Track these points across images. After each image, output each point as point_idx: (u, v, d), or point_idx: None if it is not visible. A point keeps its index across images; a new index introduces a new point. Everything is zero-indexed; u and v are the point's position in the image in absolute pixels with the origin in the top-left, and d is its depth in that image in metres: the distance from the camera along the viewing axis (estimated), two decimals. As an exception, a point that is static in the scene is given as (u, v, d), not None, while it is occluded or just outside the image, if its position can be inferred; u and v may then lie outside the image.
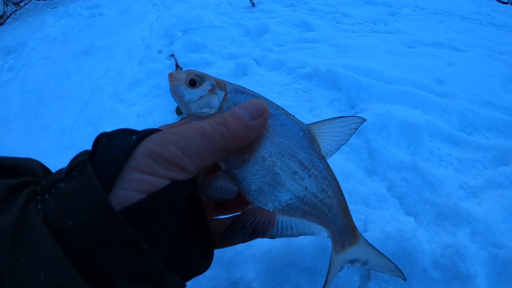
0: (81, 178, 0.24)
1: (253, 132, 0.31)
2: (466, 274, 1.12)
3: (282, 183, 0.31)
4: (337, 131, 0.35)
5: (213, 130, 0.28)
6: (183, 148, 0.26)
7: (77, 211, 0.23)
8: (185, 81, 0.34)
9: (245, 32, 3.27)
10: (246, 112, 0.31)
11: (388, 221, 1.28)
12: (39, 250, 0.21)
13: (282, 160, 0.32)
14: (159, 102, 2.49)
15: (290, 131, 0.33)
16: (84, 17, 4.82)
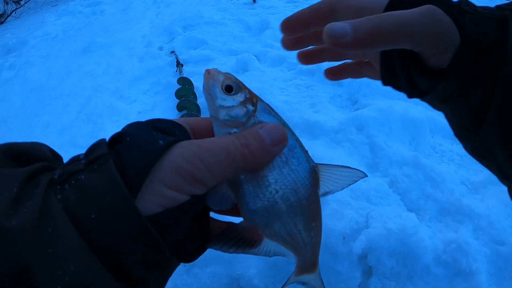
0: (103, 173, 0.24)
1: (269, 158, 0.32)
2: (468, 270, 1.12)
3: (278, 212, 0.33)
4: (339, 178, 0.36)
5: (237, 151, 0.29)
6: (209, 166, 0.27)
7: (100, 206, 0.24)
8: (221, 84, 0.34)
9: (246, 28, 3.26)
10: (268, 137, 0.31)
11: (390, 217, 1.28)
12: (65, 241, 0.22)
13: (284, 191, 0.33)
14: (160, 98, 2.48)
15: (300, 166, 0.34)
16: (84, 15, 4.81)
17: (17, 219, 0.21)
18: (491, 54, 0.31)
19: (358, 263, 1.22)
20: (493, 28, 0.31)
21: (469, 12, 0.32)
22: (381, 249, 1.19)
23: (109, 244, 0.24)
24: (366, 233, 1.23)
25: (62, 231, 0.22)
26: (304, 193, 0.34)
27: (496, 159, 0.34)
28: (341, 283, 1.19)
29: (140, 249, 0.25)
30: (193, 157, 0.27)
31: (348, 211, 1.30)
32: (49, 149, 0.30)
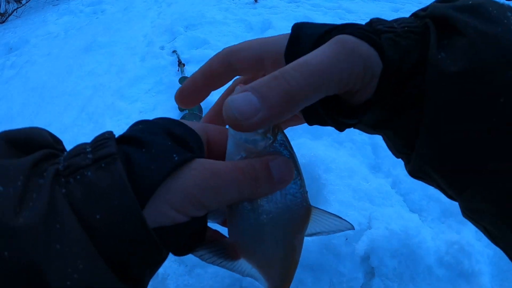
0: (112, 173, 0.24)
1: (272, 192, 0.31)
2: (470, 272, 1.12)
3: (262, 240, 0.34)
4: (327, 224, 0.37)
5: (246, 184, 0.28)
6: (218, 196, 0.27)
7: (107, 208, 0.23)
8: None
9: (247, 28, 3.26)
10: (277, 172, 0.30)
11: (393, 218, 1.27)
12: (73, 238, 0.22)
13: (274, 224, 0.33)
14: (162, 98, 2.48)
15: (296, 204, 0.34)
16: (86, 14, 4.80)
17: (24, 217, 0.20)
18: (417, 73, 0.28)
19: (360, 264, 1.22)
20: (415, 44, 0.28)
21: (385, 31, 0.28)
22: (383, 250, 1.19)
23: (113, 245, 0.23)
24: (369, 234, 1.23)
25: (69, 228, 0.22)
26: (291, 229, 0.35)
27: (435, 181, 0.32)
28: (343, 284, 1.19)
29: (142, 252, 0.25)
30: (205, 185, 0.26)
31: (350, 212, 1.29)
32: (49, 133, 0.28)
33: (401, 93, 0.29)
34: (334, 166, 1.45)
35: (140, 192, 0.24)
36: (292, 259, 0.37)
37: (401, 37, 0.28)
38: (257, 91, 0.25)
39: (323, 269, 1.21)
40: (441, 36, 0.28)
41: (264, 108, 0.24)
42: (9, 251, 0.20)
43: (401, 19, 0.31)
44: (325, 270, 1.21)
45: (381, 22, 0.30)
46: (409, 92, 0.28)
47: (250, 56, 0.33)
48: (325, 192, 1.37)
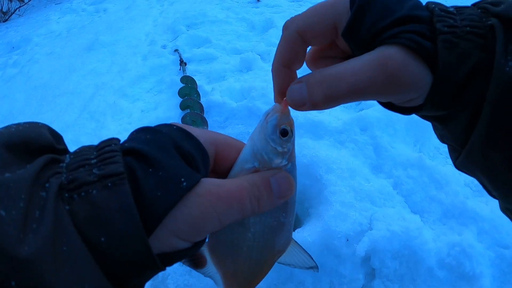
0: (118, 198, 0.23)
1: (270, 207, 0.31)
2: (472, 274, 1.11)
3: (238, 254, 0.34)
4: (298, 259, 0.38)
5: (249, 206, 0.29)
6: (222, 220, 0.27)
7: (111, 232, 0.23)
8: (280, 125, 0.33)
9: (250, 27, 3.25)
10: (278, 190, 0.31)
11: (394, 219, 1.27)
12: (79, 261, 0.21)
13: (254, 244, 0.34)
14: (163, 97, 2.48)
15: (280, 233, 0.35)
16: (88, 13, 4.81)
17: (29, 244, 0.20)
18: (475, 79, 0.28)
19: (361, 265, 1.21)
20: (476, 47, 0.27)
21: (444, 32, 0.27)
22: (384, 251, 1.19)
23: (114, 267, 0.23)
24: (370, 235, 1.22)
25: (76, 250, 0.21)
26: (267, 253, 0.35)
27: (479, 179, 0.33)
28: (343, 285, 1.19)
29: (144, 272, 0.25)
30: (211, 214, 0.26)
31: (351, 213, 1.29)
32: (49, 130, 0.27)
33: (455, 98, 0.29)
34: (335, 167, 1.45)
35: (147, 220, 0.24)
36: (256, 278, 0.37)
37: (461, 38, 0.27)
38: (308, 87, 0.30)
39: (324, 270, 1.21)
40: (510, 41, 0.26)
41: (309, 103, 0.30)
42: (16, 281, 0.19)
43: (465, 12, 0.29)
44: (325, 271, 1.21)
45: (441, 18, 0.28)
46: (464, 98, 0.28)
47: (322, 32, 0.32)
48: (326, 192, 1.36)
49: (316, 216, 1.32)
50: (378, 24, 0.29)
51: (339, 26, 0.31)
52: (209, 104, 2.06)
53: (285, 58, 0.34)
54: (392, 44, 0.28)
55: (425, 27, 0.28)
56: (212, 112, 2.03)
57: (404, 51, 0.27)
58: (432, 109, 0.30)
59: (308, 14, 0.33)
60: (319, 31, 0.32)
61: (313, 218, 1.34)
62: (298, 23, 0.33)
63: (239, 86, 2.17)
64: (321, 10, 0.32)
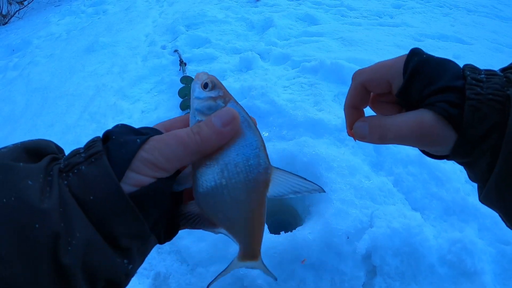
0: (99, 166, 0.33)
1: (222, 139, 0.38)
2: (473, 270, 1.11)
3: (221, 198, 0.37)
4: (294, 185, 0.39)
5: (189, 139, 0.36)
6: (165, 155, 0.35)
7: (97, 190, 0.32)
8: (201, 81, 0.41)
9: (249, 27, 3.25)
10: (218, 120, 0.37)
11: (394, 216, 1.27)
12: (73, 217, 0.31)
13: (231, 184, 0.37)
14: (163, 97, 2.48)
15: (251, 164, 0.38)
16: (87, 15, 4.81)
17: (46, 203, 0.30)
18: (492, 136, 0.36)
19: (362, 263, 1.21)
20: (495, 111, 0.36)
21: (471, 98, 0.36)
22: (385, 248, 1.19)
23: (104, 218, 0.32)
24: (370, 232, 1.22)
25: (71, 210, 0.31)
26: (249, 189, 0.38)
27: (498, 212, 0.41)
28: (345, 283, 1.19)
29: (126, 220, 0.33)
30: (152, 150, 0.35)
31: (352, 210, 1.29)
32: (55, 145, 0.38)
33: (475, 148, 0.38)
34: (335, 165, 1.45)
35: (118, 171, 0.34)
36: (255, 220, 0.39)
37: (483, 104, 0.36)
38: (369, 127, 0.43)
39: (325, 268, 1.21)
40: None
41: (368, 138, 0.43)
42: (39, 224, 0.29)
43: (492, 80, 0.38)
44: (326, 269, 1.21)
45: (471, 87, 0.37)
46: (482, 148, 0.37)
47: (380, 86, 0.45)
48: (326, 190, 1.36)
49: (317, 214, 1.32)
50: (423, 91, 0.39)
51: (392, 83, 0.43)
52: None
53: (353, 102, 0.47)
54: (430, 110, 0.38)
55: (457, 96, 0.37)
56: None
57: (436, 117, 0.38)
58: (457, 158, 0.40)
59: (371, 71, 0.45)
60: (377, 85, 0.44)
61: (313, 216, 1.34)
62: (362, 76, 0.45)
63: (238, 86, 2.17)
64: (381, 69, 0.44)
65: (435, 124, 0.37)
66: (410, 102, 0.41)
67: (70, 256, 0.30)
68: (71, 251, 0.31)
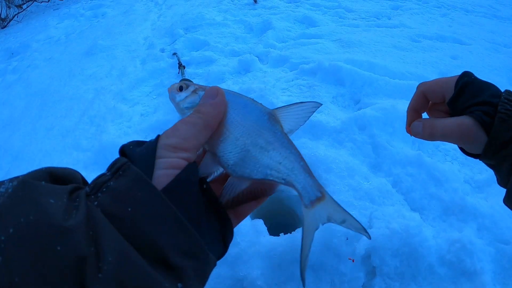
0: (129, 175, 0.32)
1: (219, 108, 0.41)
2: (472, 270, 1.11)
3: (253, 157, 0.40)
4: (297, 114, 0.44)
5: (194, 119, 0.39)
6: (181, 136, 0.37)
7: (134, 200, 0.30)
8: (176, 88, 0.46)
9: (247, 29, 3.26)
10: (207, 97, 0.42)
11: (393, 217, 1.27)
12: (104, 238, 0.28)
13: (251, 139, 0.41)
14: (163, 100, 2.48)
15: (256, 116, 0.42)
16: (86, 18, 4.83)
17: (72, 221, 0.27)
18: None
19: (361, 264, 1.21)
20: None
21: (502, 112, 0.48)
22: (384, 249, 1.19)
23: (143, 230, 0.30)
24: (370, 233, 1.22)
25: (103, 230, 0.28)
26: (269, 133, 0.42)
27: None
28: (344, 283, 1.19)
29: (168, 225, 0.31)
30: (169, 136, 0.37)
31: (351, 211, 1.28)
32: (82, 177, 0.36)
33: (500, 151, 0.48)
34: (334, 166, 1.45)
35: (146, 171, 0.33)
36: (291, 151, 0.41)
37: (511, 118, 0.47)
38: (422, 126, 0.54)
39: (324, 269, 1.21)
40: None
41: (421, 134, 0.55)
42: (61, 246, 0.26)
43: None
44: (326, 270, 1.21)
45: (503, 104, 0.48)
46: (507, 152, 0.47)
47: (436, 95, 0.56)
48: (325, 192, 1.37)
49: (316, 216, 1.33)
50: (467, 103, 0.51)
51: (446, 94, 0.54)
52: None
53: (414, 105, 0.59)
54: (470, 116, 0.49)
55: (492, 109, 0.48)
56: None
57: (474, 121, 0.49)
58: (486, 157, 0.50)
59: (431, 83, 0.57)
60: (434, 95, 0.56)
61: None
62: (424, 87, 0.57)
63: (237, 88, 2.17)
64: (439, 82, 0.55)
65: (472, 127, 0.48)
66: (457, 110, 0.52)
67: (101, 284, 0.26)
68: (102, 279, 0.26)
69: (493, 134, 0.47)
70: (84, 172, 2.05)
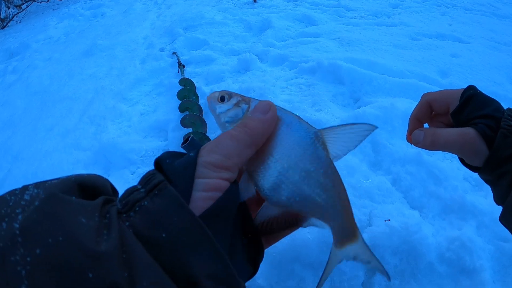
0: (165, 197, 0.30)
1: (268, 125, 0.38)
2: (472, 268, 1.11)
3: (292, 183, 0.36)
4: (347, 137, 0.39)
5: (239, 133, 0.36)
6: (223, 153, 0.35)
7: (169, 225, 0.28)
8: (217, 98, 0.43)
9: (247, 28, 3.26)
10: (258, 112, 0.39)
11: (393, 215, 1.27)
12: (138, 263, 0.26)
13: (291, 162, 0.37)
14: (162, 100, 2.49)
15: (301, 137, 0.38)
16: (86, 18, 4.82)
17: (104, 245, 0.25)
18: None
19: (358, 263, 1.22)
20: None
21: (504, 128, 0.48)
22: (384, 247, 1.19)
23: (178, 257, 0.28)
24: (369, 231, 1.22)
25: (136, 254, 0.26)
26: (312, 157, 0.36)
27: None
28: (344, 282, 1.19)
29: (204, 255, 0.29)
30: (210, 153, 0.34)
31: (351, 210, 1.29)
32: (111, 185, 0.35)
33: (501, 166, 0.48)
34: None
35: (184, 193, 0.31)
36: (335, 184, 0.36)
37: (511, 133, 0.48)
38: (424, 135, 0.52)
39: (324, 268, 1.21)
40: None
41: (422, 143, 0.53)
42: (93, 273, 0.24)
43: None
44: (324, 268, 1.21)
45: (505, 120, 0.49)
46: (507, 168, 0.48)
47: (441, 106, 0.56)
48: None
49: (316, 214, 1.33)
50: (471, 115, 0.51)
51: (450, 106, 0.54)
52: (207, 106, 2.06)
53: (417, 114, 0.59)
54: (473, 128, 0.49)
55: (495, 124, 0.49)
56: (211, 114, 2.03)
57: (477, 133, 0.49)
58: (486, 171, 0.50)
59: (437, 93, 0.57)
60: (439, 105, 0.56)
61: (313, 216, 1.34)
62: (429, 96, 0.57)
63: (237, 87, 2.17)
64: (444, 93, 0.56)
65: (475, 138, 0.49)
66: (460, 122, 0.53)
67: None
68: None
69: (495, 148, 0.48)
70: (85, 171, 2.05)
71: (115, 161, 2.10)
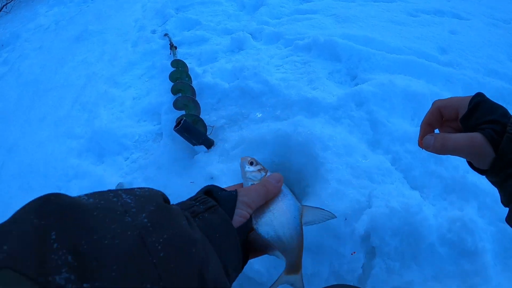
0: (218, 215, 0.47)
1: (277, 190, 0.58)
2: (473, 249, 1.07)
3: (273, 226, 0.55)
4: (315, 215, 0.59)
5: (261, 189, 0.56)
6: (251, 198, 0.53)
7: (219, 231, 0.45)
8: (248, 161, 0.64)
9: (240, 6, 3.16)
10: (273, 179, 0.58)
11: (393, 195, 1.23)
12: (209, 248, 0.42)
13: (281, 218, 0.55)
14: (155, 82, 2.43)
15: (290, 204, 0.58)
16: (75, 3, 4.70)
17: (197, 234, 0.40)
18: None
19: (361, 244, 1.18)
20: None
21: (510, 132, 0.51)
22: (384, 228, 1.15)
23: (223, 251, 0.45)
24: (369, 212, 1.19)
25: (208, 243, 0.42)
26: (293, 219, 0.56)
27: None
28: (344, 265, 1.16)
29: (234, 255, 0.47)
30: (245, 196, 0.53)
31: (349, 191, 1.25)
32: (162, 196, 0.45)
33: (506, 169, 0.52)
34: (331, 144, 1.40)
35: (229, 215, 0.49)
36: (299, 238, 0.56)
37: None
38: (434, 139, 0.57)
39: (323, 251, 1.18)
40: None
41: (432, 148, 0.57)
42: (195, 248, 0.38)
43: None
44: (325, 252, 1.18)
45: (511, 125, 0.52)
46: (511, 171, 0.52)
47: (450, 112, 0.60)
48: (322, 170, 1.32)
49: (313, 195, 1.29)
50: (479, 120, 0.55)
51: (459, 112, 0.58)
52: (201, 86, 2.01)
53: (429, 120, 0.63)
54: (480, 133, 0.52)
55: (501, 128, 0.52)
56: (205, 94, 1.98)
57: (484, 138, 0.52)
58: (493, 173, 0.54)
59: (447, 100, 0.62)
60: (449, 111, 0.60)
61: (310, 197, 1.30)
62: (439, 103, 0.62)
63: (230, 67, 2.11)
64: (454, 100, 0.60)
65: (482, 143, 0.52)
66: (468, 127, 0.56)
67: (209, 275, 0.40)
68: (210, 272, 0.40)
69: (500, 151, 0.51)
70: (78, 159, 2.02)
71: (109, 147, 2.05)
